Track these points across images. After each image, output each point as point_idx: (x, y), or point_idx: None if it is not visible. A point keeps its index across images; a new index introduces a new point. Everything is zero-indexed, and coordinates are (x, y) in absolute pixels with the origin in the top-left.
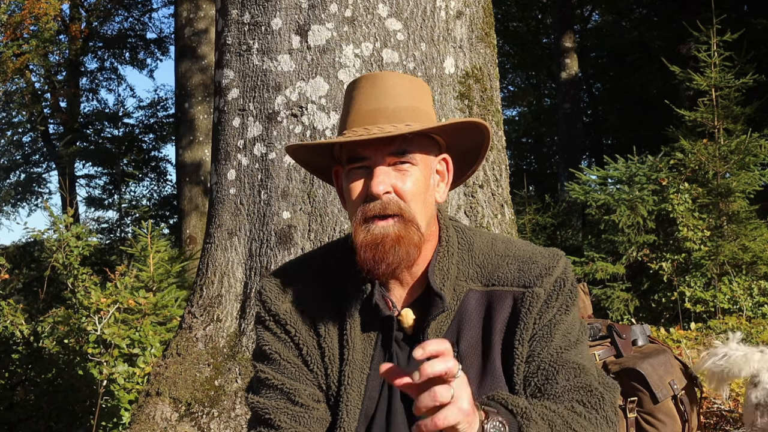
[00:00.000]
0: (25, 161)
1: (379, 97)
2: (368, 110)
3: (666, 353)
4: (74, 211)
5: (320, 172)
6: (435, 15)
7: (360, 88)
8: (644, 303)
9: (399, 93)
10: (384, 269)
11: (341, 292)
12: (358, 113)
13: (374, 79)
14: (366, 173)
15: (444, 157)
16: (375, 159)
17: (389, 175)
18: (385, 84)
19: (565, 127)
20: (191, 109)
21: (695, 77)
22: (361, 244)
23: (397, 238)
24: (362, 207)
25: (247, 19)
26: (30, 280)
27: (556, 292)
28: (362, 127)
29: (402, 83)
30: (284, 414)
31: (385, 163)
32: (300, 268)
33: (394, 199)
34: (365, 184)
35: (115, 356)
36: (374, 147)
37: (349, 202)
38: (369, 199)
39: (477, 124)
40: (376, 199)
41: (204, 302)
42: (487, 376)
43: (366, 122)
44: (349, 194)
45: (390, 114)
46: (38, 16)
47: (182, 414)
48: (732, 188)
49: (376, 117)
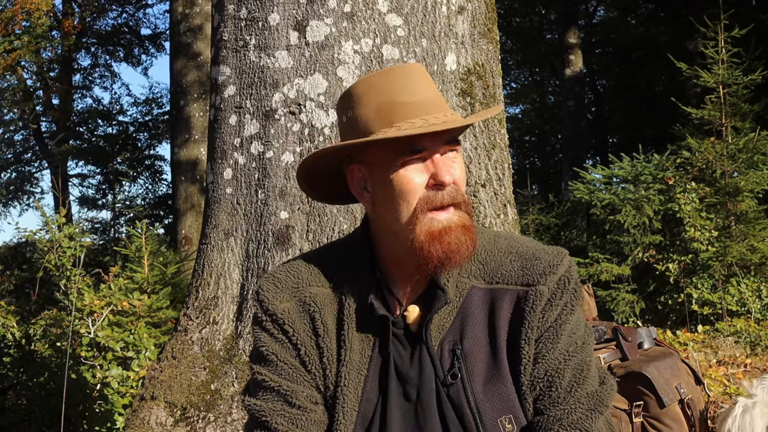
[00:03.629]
0: (16, 160)
1: (419, 87)
2: (418, 101)
3: (673, 356)
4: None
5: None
6: (436, 10)
7: (391, 82)
8: (650, 305)
9: (429, 83)
10: (458, 259)
11: (340, 291)
12: (409, 105)
13: (404, 71)
14: (422, 164)
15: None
16: (433, 148)
17: (448, 165)
18: (416, 75)
19: (569, 125)
20: (187, 106)
21: (702, 74)
22: (427, 238)
23: (462, 227)
24: (425, 197)
25: (243, 14)
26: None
27: (560, 291)
28: (419, 118)
29: (424, 73)
30: (281, 416)
31: (441, 152)
32: (298, 268)
33: (455, 187)
34: (424, 173)
35: (109, 359)
36: (431, 137)
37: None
38: (434, 188)
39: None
40: (443, 188)
41: (200, 304)
42: (494, 375)
43: (421, 113)
44: (406, 187)
45: (438, 103)
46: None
47: (177, 419)
48: (740, 188)
49: (429, 107)
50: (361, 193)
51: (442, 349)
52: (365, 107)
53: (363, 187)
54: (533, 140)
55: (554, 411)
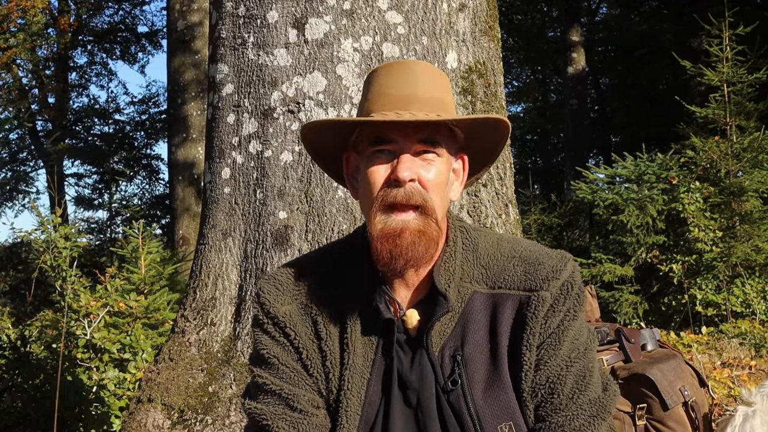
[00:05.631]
0: (11, 159)
1: (411, 83)
2: (400, 95)
3: (676, 358)
4: (63, 211)
5: (323, 159)
6: (437, 7)
7: (390, 74)
8: (654, 306)
9: (429, 82)
10: (402, 264)
11: (342, 294)
12: (390, 97)
13: (406, 66)
14: (389, 158)
15: (462, 155)
16: (403, 144)
17: (415, 163)
18: (416, 72)
19: (571, 123)
20: (184, 105)
21: (706, 72)
22: (379, 236)
23: (417, 232)
24: (383, 192)
25: (242, 11)
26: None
27: (563, 297)
28: (393, 111)
29: (432, 73)
30: (282, 420)
31: (412, 151)
32: (299, 270)
33: (418, 188)
34: (388, 168)
35: (106, 361)
36: (404, 132)
37: (367, 186)
38: (392, 184)
39: (501, 122)
40: (399, 186)
41: (197, 305)
42: (494, 381)
43: (398, 107)
44: (368, 178)
45: (423, 101)
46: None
47: (175, 421)
48: (745, 187)
49: (409, 103)
50: (352, 183)
51: (442, 354)
52: (365, 95)
53: (354, 177)
54: (535, 139)
55: (556, 418)
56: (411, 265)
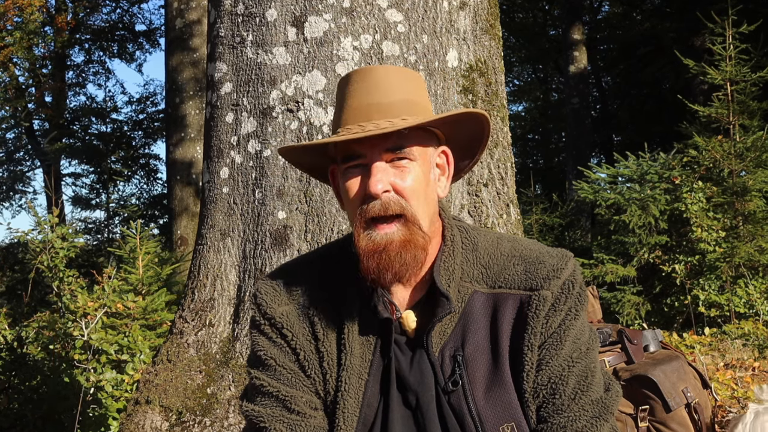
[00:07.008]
0: (8, 159)
1: (371, 91)
2: (361, 106)
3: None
4: (60, 211)
5: (317, 172)
6: (437, 6)
7: (351, 84)
8: (656, 307)
9: (392, 86)
10: (390, 278)
11: (340, 294)
12: (351, 109)
13: (365, 74)
14: (362, 172)
15: (443, 150)
16: (371, 156)
17: (387, 173)
18: (378, 78)
19: (573, 123)
20: (182, 104)
21: (709, 71)
22: (364, 252)
23: (402, 243)
24: (361, 208)
25: (240, 9)
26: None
27: (564, 296)
28: (356, 124)
29: (395, 76)
30: (280, 422)
31: (382, 159)
32: (297, 270)
33: (395, 198)
34: (362, 183)
35: (103, 363)
36: (370, 144)
37: (347, 203)
38: (368, 199)
39: (476, 115)
40: (375, 199)
41: (195, 306)
42: (496, 382)
43: (360, 119)
44: (347, 194)
45: (384, 109)
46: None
47: (173, 423)
48: (748, 187)
49: (370, 112)
50: (339, 196)
51: (443, 355)
52: (336, 107)
53: (338, 190)
54: (537, 138)
55: (558, 419)
56: (400, 277)
